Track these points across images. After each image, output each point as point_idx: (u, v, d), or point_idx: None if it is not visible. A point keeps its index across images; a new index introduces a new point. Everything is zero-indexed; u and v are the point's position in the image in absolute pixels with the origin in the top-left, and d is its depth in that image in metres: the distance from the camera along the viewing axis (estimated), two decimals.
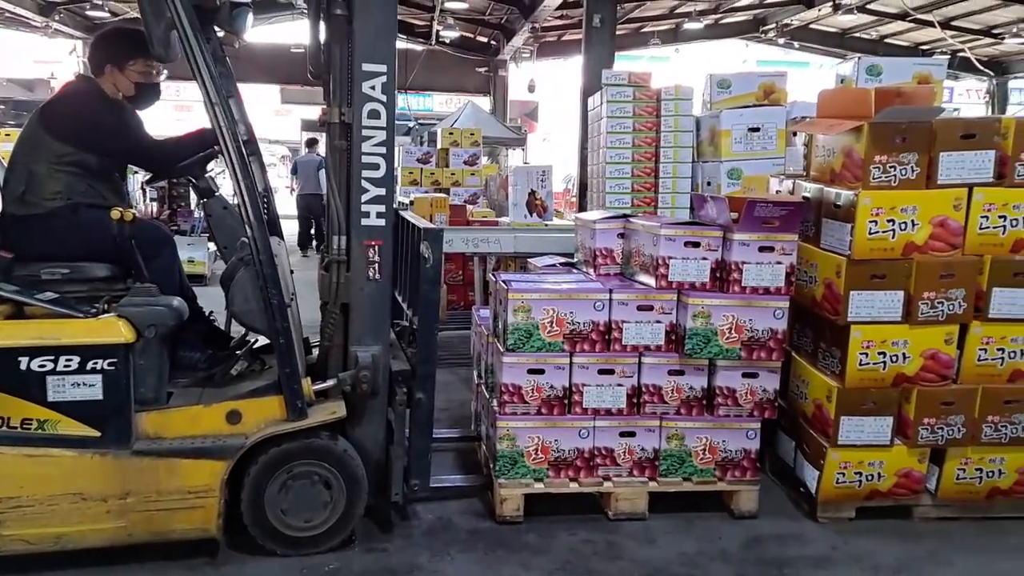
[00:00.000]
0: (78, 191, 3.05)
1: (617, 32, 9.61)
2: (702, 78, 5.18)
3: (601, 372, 3.29)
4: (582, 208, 7.23)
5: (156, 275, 3.02)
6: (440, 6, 13.98)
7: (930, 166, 3.12)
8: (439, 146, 8.79)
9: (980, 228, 3.16)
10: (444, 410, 4.66)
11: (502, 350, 3.30)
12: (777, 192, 3.85)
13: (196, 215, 10.90)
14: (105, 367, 2.72)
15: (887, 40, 17.30)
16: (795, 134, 3.95)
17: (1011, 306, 3.20)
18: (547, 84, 20.27)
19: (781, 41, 17.18)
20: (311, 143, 14.23)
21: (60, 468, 2.71)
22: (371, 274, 2.99)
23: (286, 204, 19.40)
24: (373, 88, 2.89)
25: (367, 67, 2.88)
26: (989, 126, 3.16)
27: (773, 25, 16.41)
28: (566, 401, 3.30)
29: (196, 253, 8.21)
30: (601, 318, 3.28)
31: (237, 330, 3.20)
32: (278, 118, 25.74)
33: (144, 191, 10.48)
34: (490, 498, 3.39)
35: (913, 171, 3.12)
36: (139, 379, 2.79)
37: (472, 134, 9.01)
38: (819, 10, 14.83)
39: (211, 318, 3.44)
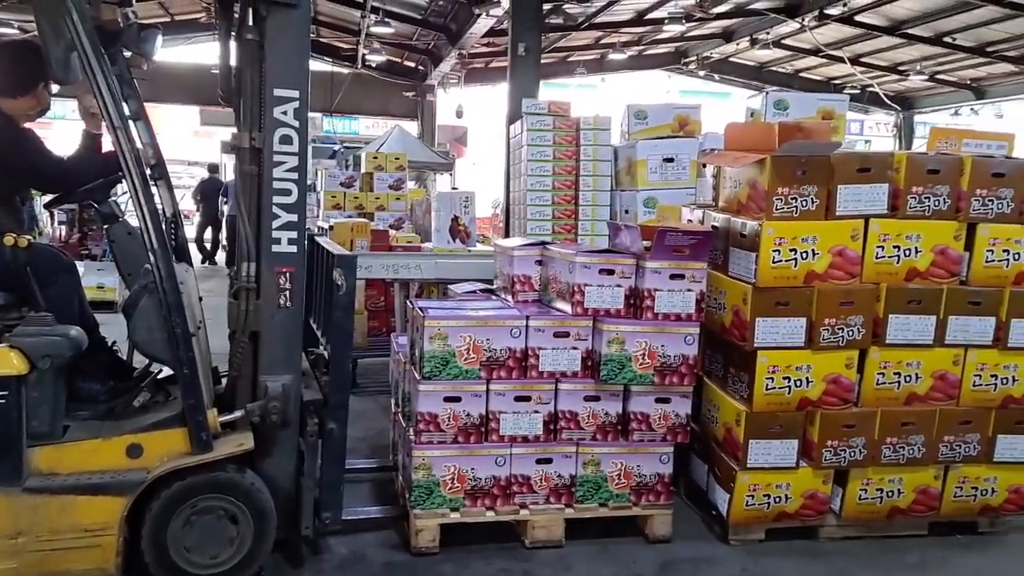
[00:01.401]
0: None
1: (543, 60, 9.76)
2: (625, 105, 5.30)
3: (518, 399, 3.31)
4: (507, 234, 7.29)
5: (53, 303, 2.91)
6: (365, 30, 13.95)
7: (829, 198, 3.26)
8: (363, 170, 8.74)
9: (876, 257, 3.31)
10: (362, 439, 4.60)
11: (418, 378, 3.28)
12: (689, 221, 3.96)
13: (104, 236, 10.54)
14: None
15: (801, 74, 18.07)
16: (704, 165, 4.08)
17: (906, 332, 3.35)
18: (477, 109, 20.40)
19: (702, 73, 17.76)
20: (213, 169, 14.45)
21: None
22: (282, 302, 2.94)
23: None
24: (285, 113, 2.87)
25: (279, 92, 2.85)
26: (883, 160, 3.33)
27: (694, 58, 16.98)
28: (483, 429, 3.29)
29: (107, 279, 7.89)
30: (518, 345, 3.29)
31: (141, 360, 3.10)
32: (198, 139, 25.17)
33: (52, 214, 10.08)
34: (406, 529, 3.35)
35: (813, 203, 3.25)
36: (32, 413, 2.67)
37: (397, 158, 9.01)
38: (737, 44, 15.41)
39: (114, 348, 3.32)
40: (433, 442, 3.26)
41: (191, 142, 26.03)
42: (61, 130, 21.68)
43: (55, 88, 3.13)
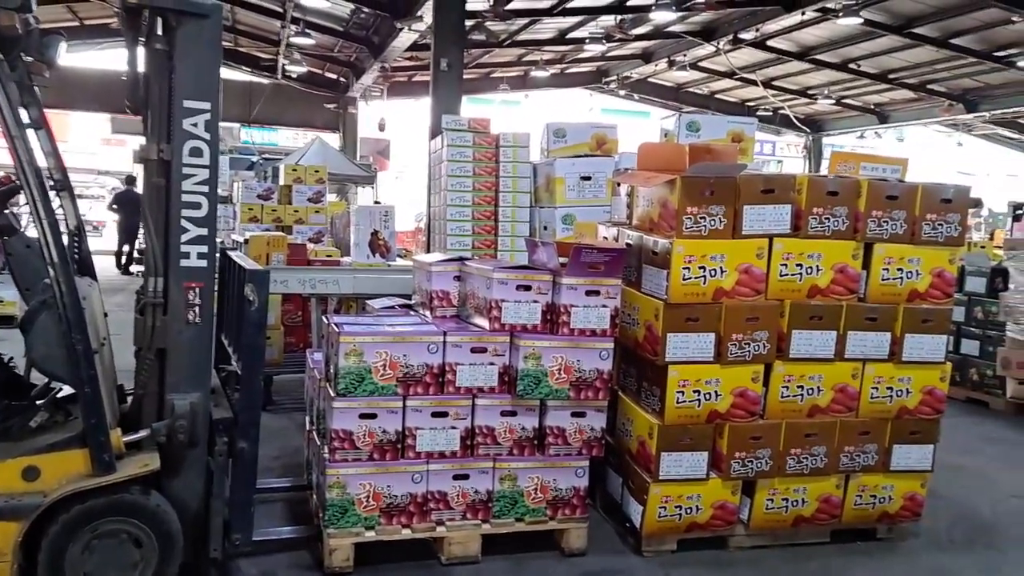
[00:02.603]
0: None
1: (466, 76, 9.83)
2: (544, 123, 5.37)
3: (435, 415, 3.30)
4: (428, 249, 7.27)
5: None
6: (286, 41, 13.76)
7: (735, 218, 3.38)
8: (282, 182, 8.59)
9: (780, 275, 3.44)
10: (276, 458, 4.50)
11: (333, 394, 3.24)
12: (604, 239, 4.04)
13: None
14: None
15: (717, 95, 18.72)
16: (619, 184, 4.17)
17: (808, 346, 3.49)
18: (400, 122, 20.35)
19: (622, 92, 18.19)
20: (131, 180, 14.43)
21: None
22: (191, 318, 2.87)
23: (111, 239, 18.25)
24: (195, 125, 2.81)
25: (189, 104, 2.80)
26: (785, 182, 3.47)
27: (615, 77, 17.38)
28: (399, 446, 3.27)
29: (6, 293, 7.53)
30: (435, 360, 3.29)
31: (40, 378, 2.97)
32: (109, 148, 24.28)
33: None
34: (319, 549, 3.29)
35: (721, 222, 3.37)
36: None
37: (317, 171, 8.88)
38: (656, 65, 15.87)
39: (10, 365, 3.18)
40: (348, 460, 3.21)
41: (101, 150, 25.09)
42: None
43: None
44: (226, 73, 18.42)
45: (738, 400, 3.44)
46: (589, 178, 4.85)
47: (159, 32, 2.81)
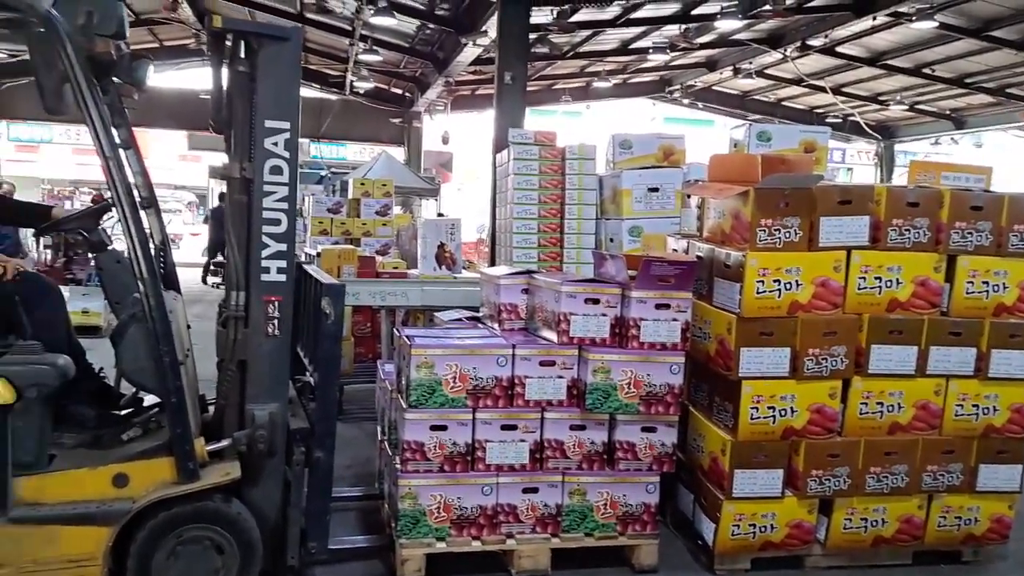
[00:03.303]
0: None
1: (529, 88, 9.86)
2: (610, 135, 5.35)
3: (504, 428, 3.31)
4: (493, 261, 7.31)
5: (40, 331, 2.90)
6: (354, 58, 14.05)
7: (811, 229, 3.31)
8: (350, 196, 8.75)
9: (859, 288, 3.35)
10: (349, 467, 4.57)
11: (404, 406, 3.28)
12: (673, 251, 4.00)
13: (93, 264, 10.46)
14: None
15: (784, 103, 18.35)
16: (689, 196, 4.13)
17: (888, 362, 3.39)
18: (462, 134, 20.53)
19: (685, 101, 17.99)
20: (223, 197, 14.53)
21: None
22: (270, 330, 2.94)
23: (194, 250, 18.95)
24: (276, 144, 2.89)
25: (270, 124, 2.88)
26: (863, 193, 3.39)
27: (678, 86, 17.19)
28: (469, 458, 3.29)
29: (92, 303, 7.83)
30: (504, 373, 3.30)
31: (129, 387, 3.08)
32: (185, 164, 25.16)
33: (38, 239, 10.01)
34: (391, 559, 3.33)
35: (796, 234, 3.30)
36: (17, 442, 2.65)
37: (384, 184, 9.02)
38: (720, 73, 15.64)
39: (101, 375, 3.30)
40: (419, 471, 3.25)
41: (178, 166, 26.03)
42: (48, 153, 21.71)
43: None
44: None
45: (815, 416, 3.36)
46: (656, 189, 4.81)
47: (242, 55, 2.91)
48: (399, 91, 17.97)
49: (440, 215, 15.00)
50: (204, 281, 14.55)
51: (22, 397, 2.65)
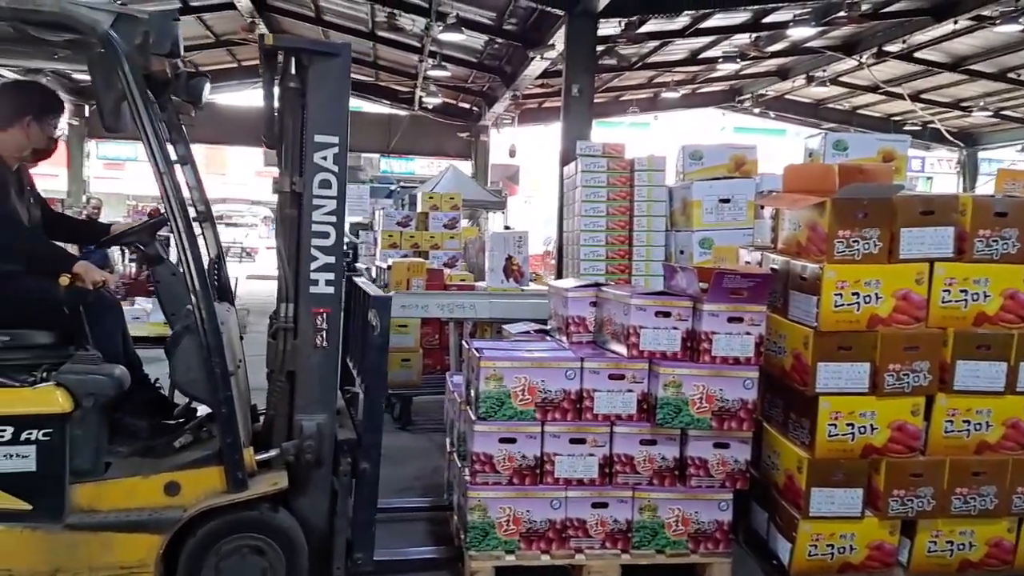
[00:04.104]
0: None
1: (596, 100, 9.84)
2: (680, 144, 5.30)
3: (573, 441, 3.29)
4: (559, 273, 7.30)
5: (99, 342, 2.95)
6: (423, 74, 14.28)
7: (892, 241, 3.20)
8: (419, 209, 8.88)
9: (943, 302, 3.23)
10: (417, 478, 4.62)
11: (473, 418, 3.29)
12: (746, 263, 3.92)
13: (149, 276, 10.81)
14: (40, 438, 2.65)
15: (859, 111, 17.87)
16: (763, 207, 4.05)
17: (975, 378, 3.24)
18: (529, 147, 20.63)
19: (756, 111, 17.68)
20: None
21: None
22: (319, 342, 2.96)
23: (269, 264, 19.51)
24: (325, 159, 2.93)
25: (319, 138, 2.92)
26: (947, 203, 3.26)
27: (749, 95, 16.92)
28: (538, 471, 3.27)
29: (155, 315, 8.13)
30: (573, 387, 3.28)
31: (183, 398, 3.13)
32: (261, 179, 25.96)
33: (123, 252, 10.43)
34: (460, 570, 3.34)
35: (875, 246, 3.20)
36: (75, 450, 2.71)
37: (452, 198, 9.12)
38: (793, 82, 15.33)
39: (156, 386, 3.35)
40: (488, 483, 3.25)
41: (253, 182, 26.87)
42: (133, 171, 22.68)
43: (61, 132, 3.20)
44: (367, 106, 19.38)
45: (896, 434, 3.23)
46: (728, 200, 4.73)
47: (293, 71, 2.95)
48: (467, 105, 18.18)
49: (507, 228, 15.07)
50: None
51: (80, 406, 2.70)
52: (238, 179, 27.81)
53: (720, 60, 13.49)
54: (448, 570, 3.43)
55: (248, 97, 18.99)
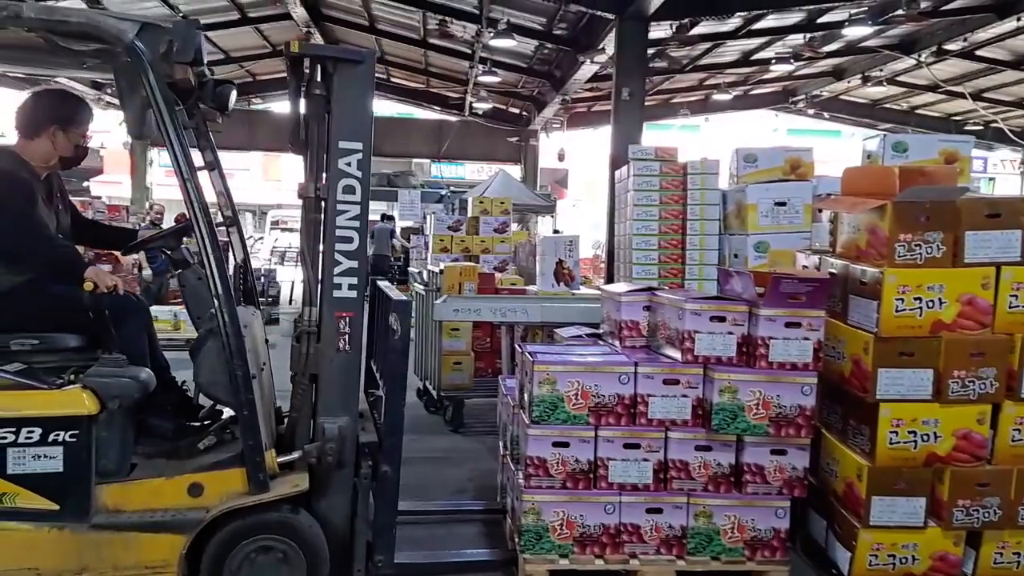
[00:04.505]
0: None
1: (646, 103, 9.79)
2: (733, 146, 5.25)
3: (627, 446, 3.28)
4: (610, 277, 7.27)
5: (125, 345, 2.99)
6: (473, 80, 14.38)
7: (956, 245, 3.13)
8: (470, 214, 8.94)
9: (1010, 307, 3.13)
10: (470, 480, 4.65)
11: (527, 422, 3.31)
12: (803, 267, 3.87)
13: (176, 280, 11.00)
14: (67, 439, 2.71)
15: (918, 111, 17.42)
16: (820, 210, 3.98)
17: None
18: (577, 151, 20.61)
19: (810, 112, 17.37)
20: (384, 217, 15.72)
21: (16, 543, 2.67)
22: (341, 345, 2.99)
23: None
24: (349, 164, 2.96)
25: (344, 144, 2.95)
26: (1014, 206, 3.17)
27: (802, 96, 16.63)
28: (591, 475, 3.28)
29: None
30: (626, 391, 3.28)
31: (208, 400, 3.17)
32: None
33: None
34: (515, 573, 3.35)
35: (939, 249, 3.12)
36: (101, 451, 2.76)
37: (502, 202, 9.16)
38: (848, 82, 15.03)
39: (183, 388, 3.37)
40: (542, 487, 3.26)
41: None
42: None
43: (90, 140, 3.26)
44: (418, 112, 19.60)
45: (961, 443, 3.15)
46: (784, 204, 4.66)
47: (318, 78, 2.98)
48: (516, 110, 18.23)
49: (556, 232, 15.09)
50: None
51: (105, 408, 2.75)
52: (291, 186, 28.25)
53: (773, 61, 13.31)
54: (502, 572, 3.45)
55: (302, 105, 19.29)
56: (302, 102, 3.04)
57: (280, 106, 19.12)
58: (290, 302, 11.74)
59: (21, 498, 2.69)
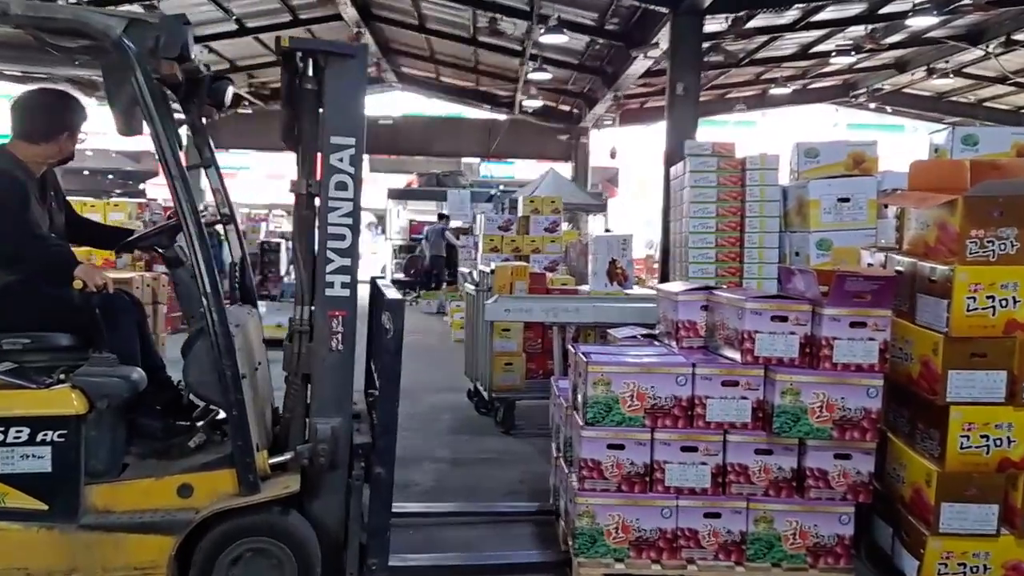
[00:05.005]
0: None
1: (701, 98, 9.64)
2: (790, 141, 5.12)
3: (684, 449, 3.20)
4: (664, 277, 7.18)
5: (116, 344, 2.95)
6: (524, 77, 14.35)
7: None
8: (520, 213, 8.92)
9: None
10: (522, 482, 4.62)
11: (581, 423, 3.26)
12: (869, 265, 3.74)
13: (286, 280, 11.19)
14: (55, 439, 2.68)
15: (986, 103, 16.83)
16: (886, 206, 3.85)
17: None
18: (628, 148, 20.43)
19: (872, 106, 16.93)
20: (441, 217, 16.11)
21: (6, 543, 2.66)
22: (334, 345, 2.91)
23: (373, 269, 20.12)
24: (341, 160, 2.89)
25: (335, 140, 2.89)
26: None
27: (864, 90, 16.22)
28: (647, 478, 3.21)
29: (284, 318, 8.42)
30: (684, 393, 3.21)
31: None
32: (365, 186, 26.63)
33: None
34: (569, 574, 3.31)
35: (1013, 246, 2.98)
36: (90, 451, 2.74)
37: (553, 201, 9.14)
38: (912, 74, 14.60)
39: (179, 387, 3.27)
40: (596, 489, 3.21)
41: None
42: (244, 179, 23.73)
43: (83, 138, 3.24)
44: (467, 112, 19.65)
45: None
46: (847, 200, 4.52)
47: (310, 73, 2.93)
48: (567, 108, 18.17)
49: (607, 231, 14.99)
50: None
51: (94, 408, 2.73)
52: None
53: (833, 54, 12.98)
54: (555, 574, 3.41)
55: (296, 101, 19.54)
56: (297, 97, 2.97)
57: None
58: None
59: (10, 498, 2.68)
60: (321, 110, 2.93)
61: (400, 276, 16.16)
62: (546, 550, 3.64)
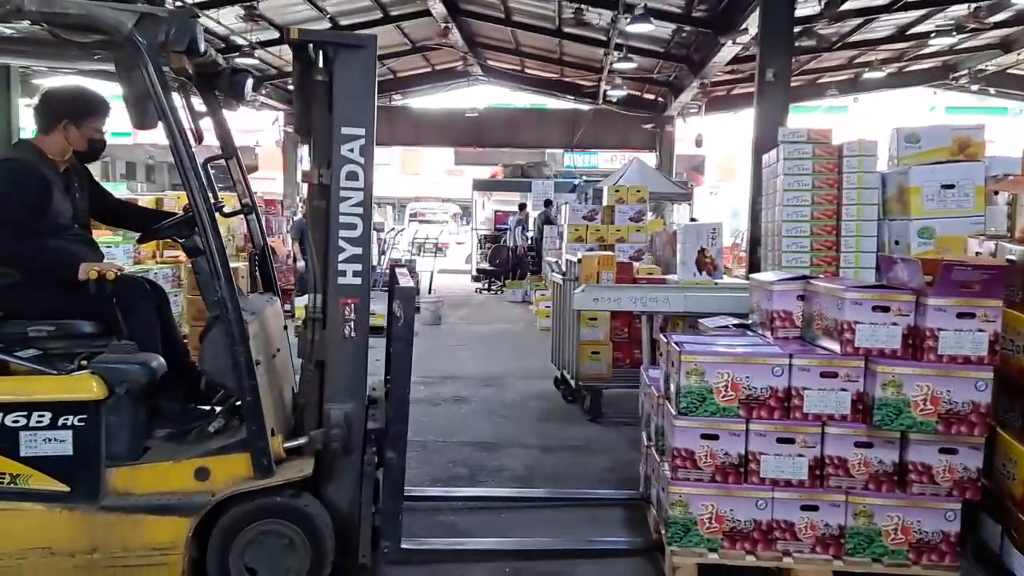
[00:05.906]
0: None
1: (791, 84, 9.37)
2: (884, 127, 4.95)
3: (780, 440, 3.16)
4: (753, 266, 7.03)
5: (135, 331, 3.01)
6: (608, 67, 14.25)
7: None
8: (604, 203, 8.89)
9: None
10: (611, 470, 4.64)
11: (674, 413, 3.25)
12: (977, 254, 3.59)
13: (376, 270, 11.45)
14: (75, 423, 2.77)
15: None
16: (996, 193, 3.68)
17: None
18: (714, 136, 20.02)
19: (974, 88, 16.11)
20: (521, 207, 16.24)
21: (30, 522, 2.75)
22: (347, 332, 2.97)
23: (459, 258, 20.45)
24: (351, 150, 2.94)
25: (346, 130, 2.93)
26: None
27: (965, 71, 15.44)
28: (742, 469, 3.18)
29: (376, 306, 8.65)
30: (780, 384, 3.16)
31: None
32: (451, 178, 26.99)
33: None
34: (660, 563, 3.31)
35: None
36: (110, 435, 2.81)
37: (638, 191, 9.06)
38: (1019, 55, 13.82)
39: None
40: (690, 479, 3.20)
41: (445, 180, 28.02)
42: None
43: (105, 134, 3.27)
44: (551, 103, 19.65)
45: None
46: (952, 186, 4.34)
47: (321, 64, 2.96)
48: (651, 96, 17.93)
49: (692, 220, 14.76)
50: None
51: (113, 393, 2.79)
52: (432, 178, 29.18)
53: (933, 35, 12.41)
54: (644, 558, 3.42)
55: (440, 100, 19.85)
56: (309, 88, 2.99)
57: (418, 101, 19.71)
58: (429, 291, 12.10)
59: (34, 480, 2.77)
60: (331, 101, 2.96)
61: (485, 265, 16.30)
62: (636, 538, 3.65)
